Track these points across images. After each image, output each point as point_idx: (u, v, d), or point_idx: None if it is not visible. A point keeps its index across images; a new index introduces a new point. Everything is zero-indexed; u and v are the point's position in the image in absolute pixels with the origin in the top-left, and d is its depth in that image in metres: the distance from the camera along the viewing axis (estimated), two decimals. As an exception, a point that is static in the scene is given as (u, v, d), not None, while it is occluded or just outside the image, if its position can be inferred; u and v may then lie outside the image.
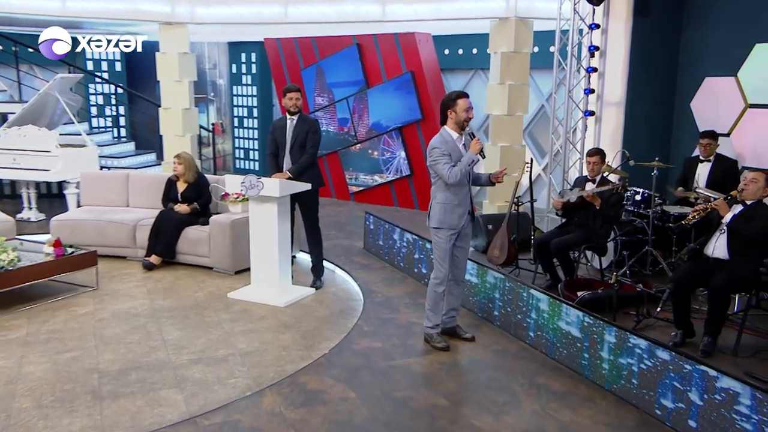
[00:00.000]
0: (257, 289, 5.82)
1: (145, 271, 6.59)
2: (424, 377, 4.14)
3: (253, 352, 4.60)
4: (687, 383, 3.32)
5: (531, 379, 4.07)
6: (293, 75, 10.99)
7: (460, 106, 4.43)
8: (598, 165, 5.94)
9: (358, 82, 10.20)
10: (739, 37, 7.14)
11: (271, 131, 6.12)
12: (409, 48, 9.52)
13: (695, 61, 7.70)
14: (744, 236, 4.44)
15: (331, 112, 10.61)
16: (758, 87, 7.01)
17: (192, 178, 6.92)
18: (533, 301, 4.50)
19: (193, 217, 6.80)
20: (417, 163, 9.80)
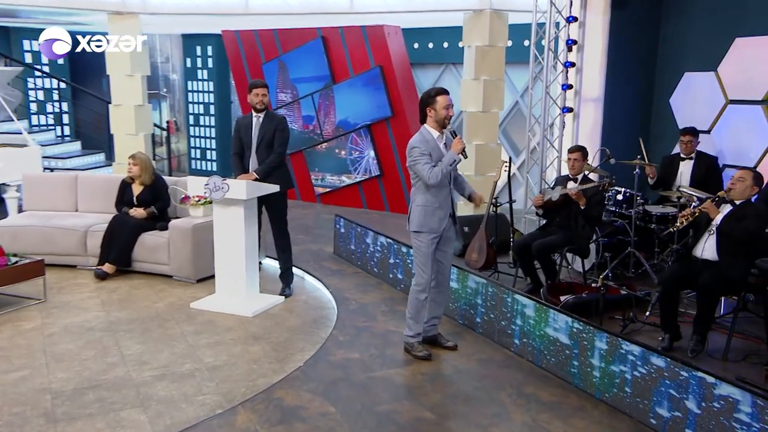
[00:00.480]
0: (222, 299, 5.69)
1: (97, 280, 6.40)
2: (406, 389, 4.09)
3: (222, 366, 4.48)
4: (683, 391, 3.34)
5: (519, 389, 4.06)
6: (254, 70, 10.85)
7: (440, 103, 4.40)
8: (580, 162, 5.97)
9: (323, 78, 10.11)
10: (718, 31, 7.29)
11: (236, 129, 6.00)
12: (378, 41, 9.48)
13: (674, 55, 7.85)
14: (734, 237, 4.51)
15: (295, 109, 10.50)
16: (739, 82, 7.17)
17: (148, 180, 6.75)
18: (518, 307, 4.49)
19: (150, 222, 6.64)
20: (387, 163, 9.76)
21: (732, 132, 7.19)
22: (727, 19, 7.21)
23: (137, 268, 6.59)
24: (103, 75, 9.72)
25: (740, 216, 4.60)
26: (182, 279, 6.43)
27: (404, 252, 5.92)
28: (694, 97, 7.67)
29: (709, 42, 7.41)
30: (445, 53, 10.74)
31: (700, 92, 7.56)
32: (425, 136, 4.43)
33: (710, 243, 4.70)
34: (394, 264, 6.09)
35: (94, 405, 3.92)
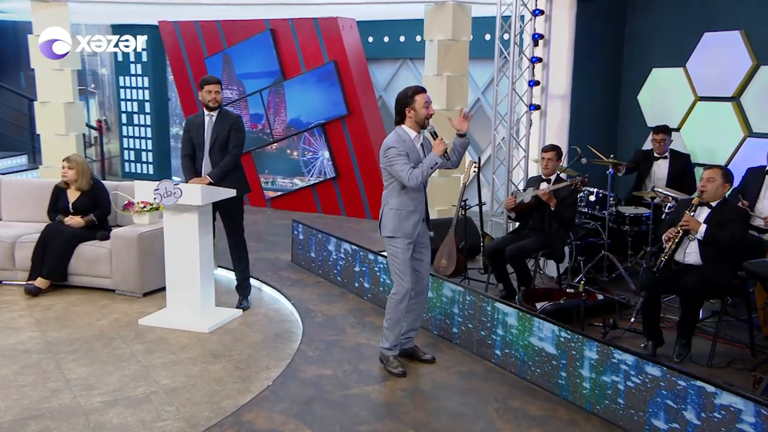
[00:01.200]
0: (175, 314, 5.53)
1: (28, 297, 6.13)
2: (386, 407, 4.03)
3: (180, 389, 4.34)
4: (681, 401, 3.38)
5: (505, 404, 4.05)
6: (195, 64, 10.64)
7: (419, 102, 4.37)
8: (553, 162, 6.04)
9: (273, 73, 9.99)
10: (687, 25, 7.51)
11: (186, 130, 5.84)
12: (332, 35, 9.41)
13: (641, 51, 8.04)
14: (721, 245, 4.62)
15: (242, 107, 10.33)
16: (708, 79, 7.39)
17: (86, 185, 6.51)
18: (499, 316, 4.50)
19: (89, 232, 6.40)
20: (343, 164, 9.69)
21: (702, 130, 7.40)
22: (695, 14, 7.43)
23: (74, 283, 6.34)
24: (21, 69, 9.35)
25: (720, 220, 4.71)
26: (126, 293, 6.22)
27: (371, 259, 5.86)
28: (662, 93, 7.87)
29: (677, 37, 7.62)
30: (402, 48, 10.75)
31: (669, 89, 7.77)
32: (401, 135, 4.39)
33: (692, 248, 4.80)
34: (359, 272, 6.03)
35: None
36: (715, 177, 4.79)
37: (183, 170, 5.84)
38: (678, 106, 7.67)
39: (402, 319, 4.47)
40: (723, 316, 4.85)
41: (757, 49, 6.95)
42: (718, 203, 4.83)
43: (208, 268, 5.57)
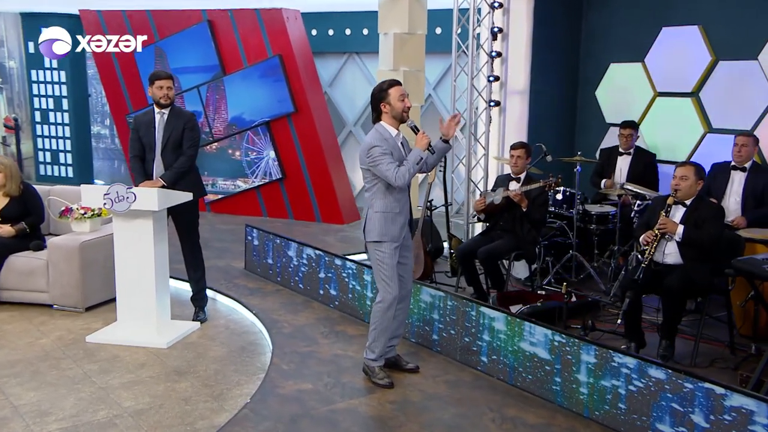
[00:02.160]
0: (126, 329, 5.33)
1: (-47, 316, 5.80)
2: (378, 421, 3.99)
3: (147, 410, 4.18)
4: (688, 404, 3.46)
5: (501, 413, 4.07)
6: (123, 58, 10.31)
7: (393, 95, 4.36)
8: (523, 160, 6.11)
9: (211, 68, 9.80)
10: (644, 21, 7.76)
11: (134, 128, 5.64)
12: (276, 27, 9.29)
13: (599, 45, 8.26)
14: (700, 245, 4.77)
15: (177, 104, 10.03)
16: (667, 74, 7.65)
17: (15, 190, 6.20)
18: (485, 321, 4.51)
19: (20, 241, 6.11)
20: (290, 165, 9.57)
21: (662, 126, 7.64)
22: (653, 9, 7.68)
23: (3, 298, 6.04)
24: None
25: (697, 219, 4.85)
26: (66, 308, 5.97)
27: (338, 265, 5.80)
28: (621, 89, 8.10)
29: (635, 32, 7.87)
30: (348, 41, 10.69)
31: (627, 84, 8.01)
32: (383, 134, 4.36)
33: (671, 248, 4.92)
34: (325, 279, 5.96)
35: (-3, 470, 3.52)
36: (689, 174, 4.94)
37: (132, 172, 5.64)
38: (637, 102, 7.91)
39: (389, 327, 4.44)
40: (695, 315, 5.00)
41: (715, 44, 7.23)
42: (692, 201, 4.97)
43: (163, 278, 5.39)
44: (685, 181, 4.89)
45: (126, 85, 10.50)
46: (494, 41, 7.75)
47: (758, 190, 6.11)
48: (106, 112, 12.93)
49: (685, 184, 4.88)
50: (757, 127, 6.85)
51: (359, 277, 5.57)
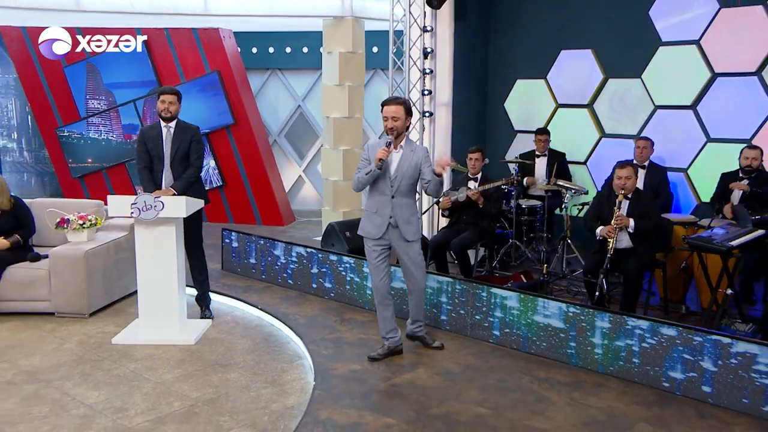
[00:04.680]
0: (149, 329, 5.23)
1: (-45, 329, 5.42)
2: (440, 390, 4.21)
3: (217, 399, 4.21)
4: (698, 353, 4.00)
5: (532, 375, 4.44)
6: (51, 73, 9.78)
7: (383, 114, 4.55)
8: (479, 162, 6.59)
9: (148, 83, 9.52)
10: (545, 44, 8.51)
11: (142, 141, 5.52)
12: (213, 45, 9.22)
13: (506, 64, 8.94)
14: (648, 231, 5.42)
15: (113, 117, 9.70)
16: (566, 89, 8.46)
17: (6, 204, 5.86)
18: (496, 300, 4.92)
19: (15, 253, 5.79)
20: (229, 173, 9.51)
21: (564, 132, 8.43)
22: (552, 34, 8.45)
23: (3, 309, 5.70)
24: None
25: (641, 211, 5.47)
26: (69, 315, 5.73)
27: (333, 260, 5.99)
28: (526, 101, 8.83)
29: (538, 53, 8.61)
30: (271, 58, 10.74)
31: (532, 97, 8.74)
32: (378, 142, 4.59)
33: (623, 236, 5.48)
34: (318, 273, 6.12)
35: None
36: (631, 174, 5.57)
37: (142, 182, 5.52)
38: (541, 112, 8.66)
39: (382, 312, 4.72)
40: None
41: (606, 64, 8.11)
42: (633, 194, 5.61)
43: (182, 280, 5.35)
44: (629, 180, 5.51)
45: (54, 99, 9.93)
46: (426, 60, 8.19)
47: (654, 184, 6.95)
48: (13, 126, 12.10)
49: (630, 183, 5.50)
50: (642, 132, 7.76)
51: (358, 270, 5.79)
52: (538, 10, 8.45)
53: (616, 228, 5.38)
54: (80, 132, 9.89)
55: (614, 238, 5.36)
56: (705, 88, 7.33)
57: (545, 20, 8.41)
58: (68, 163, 10.02)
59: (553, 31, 8.40)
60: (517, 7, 8.60)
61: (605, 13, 7.92)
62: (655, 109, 7.72)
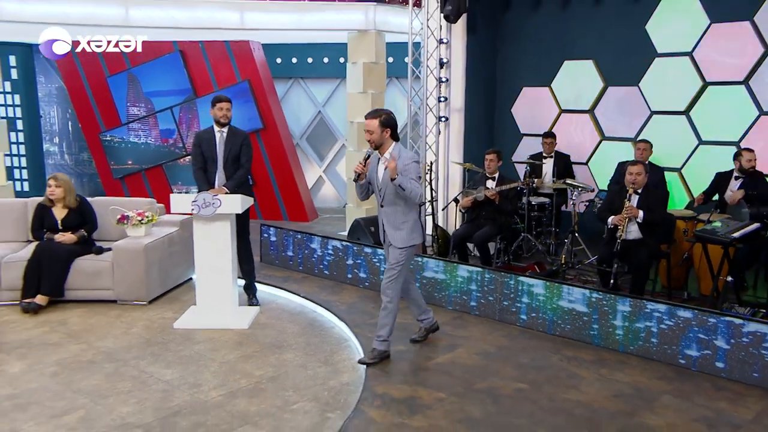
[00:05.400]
0: (206, 314, 5.38)
1: (28, 315, 5.55)
2: (482, 368, 4.37)
3: (278, 377, 4.35)
4: (712, 333, 4.19)
5: (561, 354, 4.61)
6: (95, 83, 9.91)
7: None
8: (495, 162, 6.75)
9: (184, 91, 9.65)
10: (550, 54, 8.66)
11: (197, 144, 5.66)
12: (244, 56, 9.35)
13: (513, 73, 9.09)
14: (656, 224, 5.59)
15: (151, 123, 9.83)
16: (568, 96, 8.62)
17: (73, 202, 6.01)
18: (523, 287, 5.09)
19: (82, 247, 5.93)
20: (259, 174, 9.64)
21: (567, 135, 8.60)
22: (556, 46, 8.60)
23: (70, 297, 5.84)
24: None
25: (650, 205, 5.65)
26: (131, 302, 5.88)
27: (368, 252, 6.15)
28: (532, 107, 8.99)
29: (543, 63, 8.76)
30: (294, 68, 10.88)
31: (537, 103, 8.90)
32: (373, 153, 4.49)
33: (632, 227, 5.65)
34: (353, 265, 6.27)
35: (200, 430, 3.62)
36: (641, 171, 5.75)
37: (197, 182, 5.66)
38: (546, 117, 8.82)
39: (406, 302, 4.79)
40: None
41: (606, 73, 8.27)
42: (643, 190, 5.79)
43: (235, 271, 5.51)
44: (639, 176, 5.68)
45: (98, 106, 10.05)
46: (442, 69, 8.35)
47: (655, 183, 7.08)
48: (55, 131, 12.22)
49: (641, 179, 5.68)
50: (639, 134, 7.93)
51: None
52: (543, 23, 8.60)
53: (626, 217, 5.54)
54: (121, 136, 10.01)
55: (624, 226, 5.52)
56: (697, 95, 7.51)
57: (549, 33, 8.56)
58: (110, 165, 10.14)
59: (557, 42, 8.55)
60: (524, 21, 8.75)
61: (605, 26, 8.08)
62: (652, 115, 7.88)
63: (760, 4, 6.94)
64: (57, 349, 4.79)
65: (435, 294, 5.59)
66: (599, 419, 3.67)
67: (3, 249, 5.98)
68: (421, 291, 5.74)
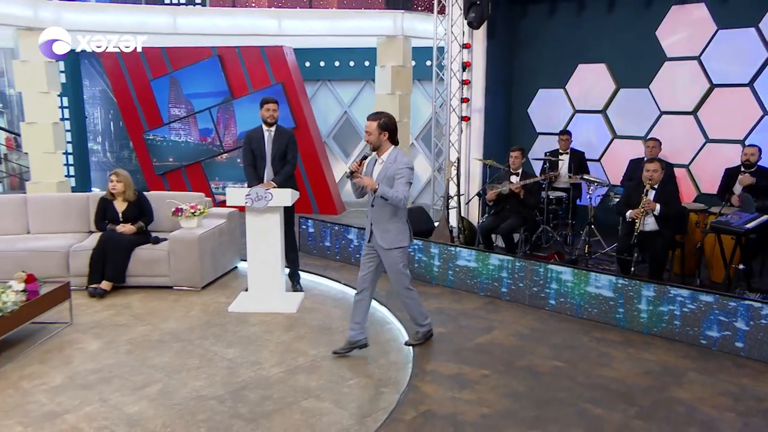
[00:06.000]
0: (257, 299, 5.51)
1: (95, 299, 5.71)
2: (520, 347, 4.50)
3: (332, 356, 4.46)
4: (732, 315, 4.29)
5: (590, 335, 4.72)
6: (139, 86, 10.05)
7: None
8: (519, 159, 6.87)
9: (221, 93, 9.78)
10: (564, 58, 8.73)
11: (247, 142, 5.80)
12: (278, 60, 9.46)
13: (529, 75, 9.16)
14: (671, 217, 5.69)
15: (191, 123, 9.97)
16: (583, 97, 8.70)
17: (132, 196, 6.16)
18: (552, 274, 5.20)
19: (141, 237, 6.08)
20: (293, 170, 9.76)
21: (581, 133, 8.67)
22: (570, 50, 8.66)
23: (131, 283, 6.00)
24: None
25: (666, 198, 5.75)
26: (185, 288, 6.02)
27: (403, 242, 6.26)
28: (547, 107, 9.07)
29: (558, 66, 8.83)
30: (321, 71, 10.99)
31: (553, 104, 8.98)
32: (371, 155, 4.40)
33: (649, 219, 5.74)
34: (390, 253, 6.38)
35: (268, 402, 3.77)
36: (658, 168, 5.84)
37: (247, 177, 5.80)
38: (560, 117, 8.90)
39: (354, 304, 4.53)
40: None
41: (618, 76, 8.33)
42: (659, 185, 5.87)
43: (283, 259, 5.64)
44: (657, 173, 5.77)
45: (141, 107, 10.20)
46: (464, 72, 8.44)
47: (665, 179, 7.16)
48: (98, 131, 12.40)
49: (657, 175, 5.77)
50: (649, 133, 8.00)
51: (426, 251, 6.08)
52: (558, 29, 8.67)
53: (643, 210, 5.64)
54: (163, 135, 10.16)
55: (641, 219, 5.61)
56: (704, 97, 7.57)
57: (564, 38, 8.64)
58: (153, 162, 10.29)
59: (572, 47, 8.62)
60: (540, 27, 8.83)
61: (617, 32, 8.15)
62: (661, 115, 7.95)
63: (765, 11, 7.01)
64: (127, 330, 4.95)
65: (467, 281, 5.70)
66: (633, 393, 3.79)
67: (69, 239, 6.14)
68: (454, 279, 5.88)
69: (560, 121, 8.89)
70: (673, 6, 7.68)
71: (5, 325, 4.23)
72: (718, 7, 7.35)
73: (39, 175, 7.94)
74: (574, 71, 8.71)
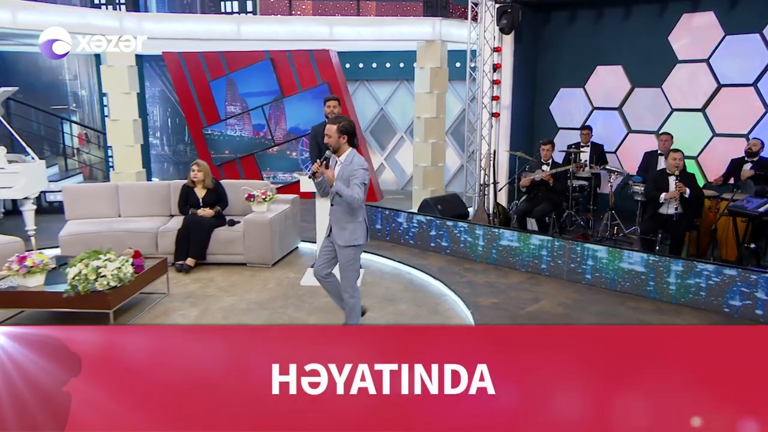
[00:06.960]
0: (326, 275, 5.73)
1: (181, 274, 5.96)
2: (564, 316, 4.68)
3: (403, 323, 4.69)
4: (753, 287, 4.47)
5: (625, 305, 4.91)
6: (199, 86, 10.24)
7: None
8: (549, 151, 7.03)
9: (273, 92, 9.96)
10: (584, 60, 8.83)
11: (313, 136, 5.99)
12: (324, 63, 9.62)
13: (551, 75, 9.27)
14: (697, 197, 5.82)
15: (245, 119, 10.18)
16: (600, 95, 8.81)
17: (210, 183, 6.39)
18: (589, 252, 5.38)
19: (218, 220, 6.32)
20: (337, 161, 9.96)
21: (598, 128, 8.78)
22: (589, 53, 8.76)
23: (211, 260, 6.23)
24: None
25: (689, 183, 5.89)
26: (258, 264, 6.24)
27: (449, 225, 6.46)
28: (567, 105, 9.18)
29: (577, 67, 8.93)
30: (360, 72, 11.16)
31: (573, 101, 9.10)
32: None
33: (673, 204, 5.89)
34: (436, 235, 6.59)
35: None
36: (681, 157, 5.97)
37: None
38: (580, 113, 9.02)
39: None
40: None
41: (633, 77, 8.43)
42: (681, 172, 6.01)
43: (348, 239, 5.83)
44: (680, 161, 5.91)
45: (201, 105, 10.42)
46: (494, 72, 8.58)
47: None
48: (157, 127, 12.64)
49: (681, 163, 5.92)
50: (662, 128, 8.11)
51: (471, 232, 6.27)
52: (578, 34, 8.77)
53: (678, 192, 5.76)
54: (220, 131, 10.39)
55: (675, 201, 5.72)
56: (712, 95, 7.67)
57: (584, 42, 8.73)
58: (210, 154, 10.52)
59: (590, 50, 8.72)
60: (562, 32, 8.93)
61: (633, 37, 8.23)
62: (672, 111, 8.06)
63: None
64: (217, 300, 5.19)
65: (510, 258, 5.89)
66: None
67: (155, 222, 6.39)
68: (497, 256, 6.07)
69: (579, 117, 9.01)
70: (684, 14, 7.77)
71: (126, 293, 4.49)
72: (725, 15, 7.43)
73: (121, 165, 8.20)
74: (593, 72, 8.80)
